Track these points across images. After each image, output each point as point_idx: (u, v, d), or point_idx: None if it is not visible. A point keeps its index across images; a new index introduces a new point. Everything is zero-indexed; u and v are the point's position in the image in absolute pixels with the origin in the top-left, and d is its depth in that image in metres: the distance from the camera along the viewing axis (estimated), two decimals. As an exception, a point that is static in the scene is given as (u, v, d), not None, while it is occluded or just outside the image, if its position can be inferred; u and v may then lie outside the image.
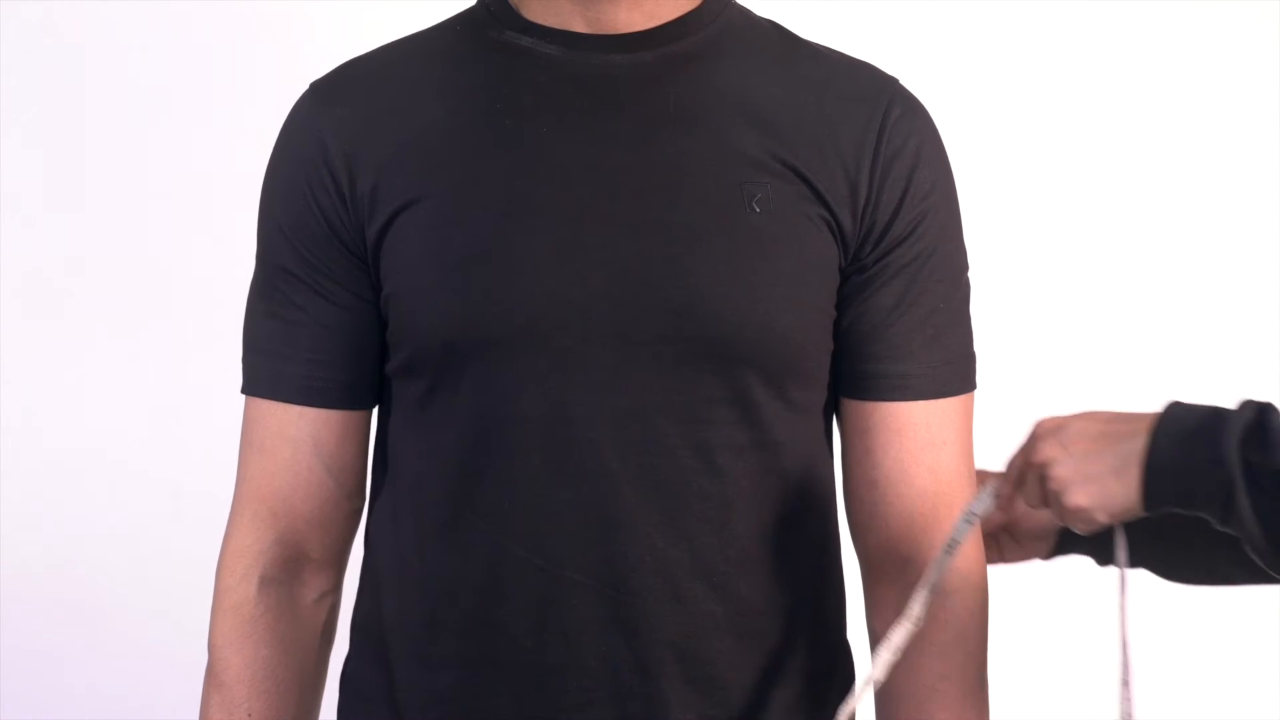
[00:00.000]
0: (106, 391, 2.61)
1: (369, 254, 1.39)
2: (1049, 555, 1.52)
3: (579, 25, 1.39)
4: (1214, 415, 1.23)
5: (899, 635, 1.35)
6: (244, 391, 1.45)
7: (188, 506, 2.60)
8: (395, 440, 1.43)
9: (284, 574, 1.44)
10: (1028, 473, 1.31)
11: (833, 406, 1.45)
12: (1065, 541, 1.50)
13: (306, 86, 1.44)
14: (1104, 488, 1.25)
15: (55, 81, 2.57)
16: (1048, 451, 1.28)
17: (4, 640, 2.59)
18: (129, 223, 2.60)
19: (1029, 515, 1.48)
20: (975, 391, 1.45)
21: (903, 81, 1.44)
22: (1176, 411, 1.25)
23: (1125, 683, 1.34)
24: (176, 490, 2.61)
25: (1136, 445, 1.24)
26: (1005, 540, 1.51)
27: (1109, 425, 1.26)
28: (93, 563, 2.62)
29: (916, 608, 1.35)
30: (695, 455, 1.36)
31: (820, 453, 1.43)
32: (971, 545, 1.42)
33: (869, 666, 1.38)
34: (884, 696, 1.44)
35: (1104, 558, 1.46)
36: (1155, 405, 1.27)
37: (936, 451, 1.41)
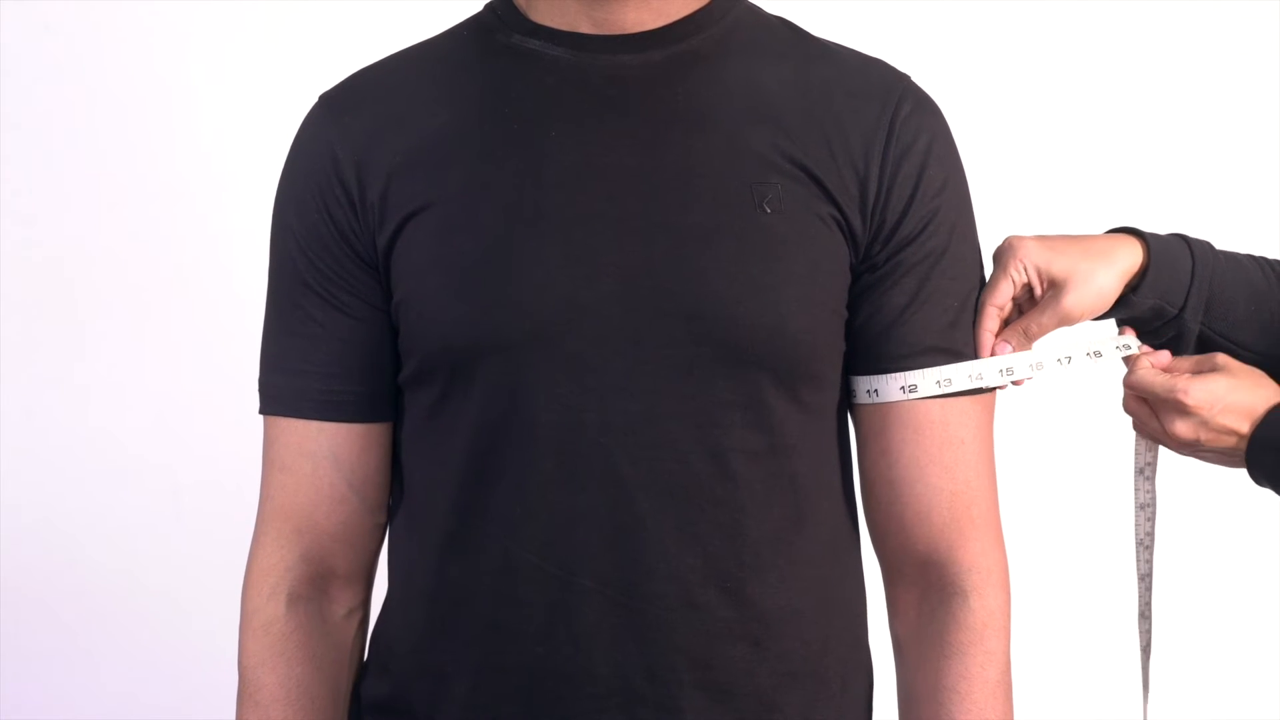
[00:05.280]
0: (107, 391, 2.61)
1: (380, 262, 1.39)
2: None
3: (586, 26, 1.38)
4: None
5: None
6: (262, 412, 1.45)
7: (188, 506, 2.61)
8: (408, 450, 1.43)
9: (312, 591, 1.44)
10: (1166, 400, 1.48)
11: (845, 407, 1.43)
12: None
13: (316, 96, 1.44)
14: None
15: (58, 81, 2.57)
16: (1185, 433, 1.48)
17: (4, 640, 2.59)
18: (130, 223, 2.60)
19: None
20: (996, 391, 1.44)
21: (915, 79, 1.43)
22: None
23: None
24: (176, 490, 2.61)
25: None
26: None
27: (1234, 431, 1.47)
28: (93, 562, 2.62)
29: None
30: (708, 460, 1.35)
31: (832, 454, 1.42)
32: (992, 544, 1.41)
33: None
34: (906, 696, 1.43)
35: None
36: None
37: (954, 450, 1.40)
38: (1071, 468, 2.56)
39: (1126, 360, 1.51)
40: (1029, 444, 2.45)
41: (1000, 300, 1.44)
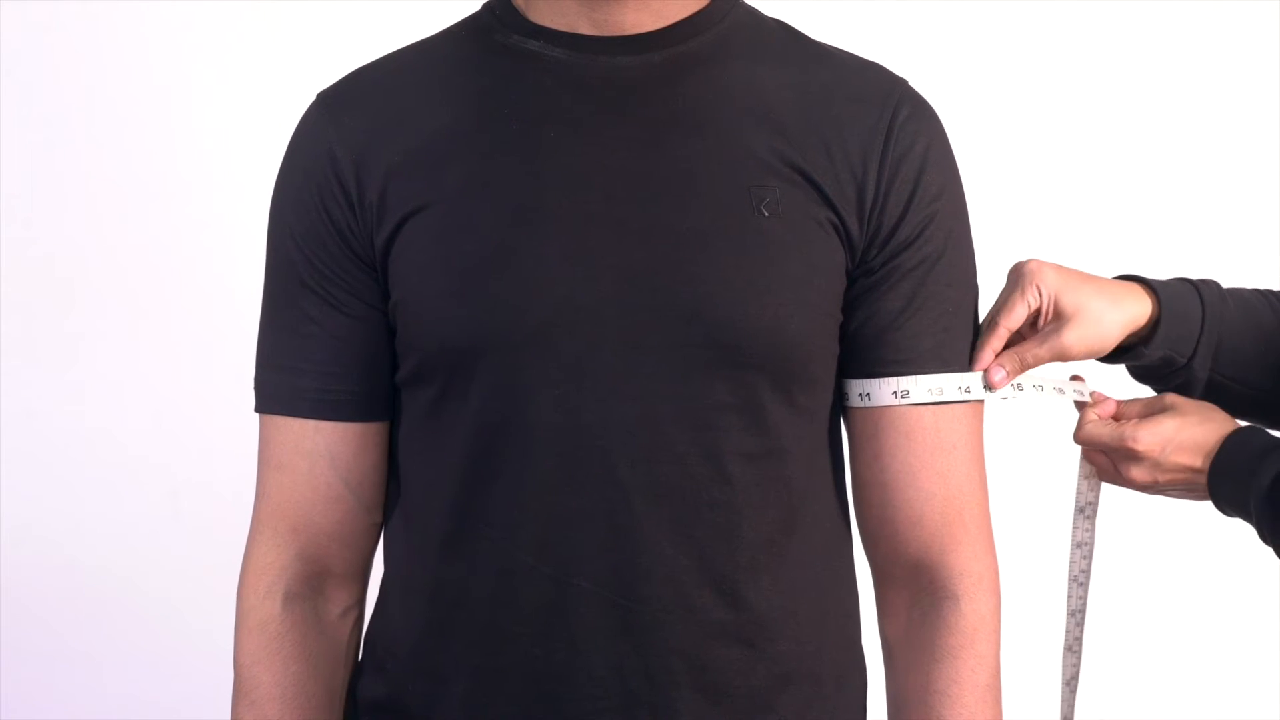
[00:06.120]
0: (107, 391, 2.61)
1: (378, 262, 1.39)
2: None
3: (585, 28, 1.38)
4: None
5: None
6: (258, 410, 1.44)
7: (187, 506, 2.60)
8: (405, 449, 1.43)
9: (308, 589, 1.44)
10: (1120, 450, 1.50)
11: (838, 410, 1.44)
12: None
13: (314, 96, 1.44)
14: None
15: (58, 81, 2.57)
16: (1141, 477, 1.51)
17: (4, 640, 2.59)
18: (129, 222, 2.60)
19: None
20: (988, 399, 1.44)
21: (912, 83, 1.43)
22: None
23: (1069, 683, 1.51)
24: (176, 490, 2.61)
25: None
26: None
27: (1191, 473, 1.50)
28: (93, 562, 2.62)
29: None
30: (704, 462, 1.35)
31: (826, 457, 1.43)
32: (983, 549, 1.42)
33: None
34: (895, 699, 1.44)
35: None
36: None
37: (946, 455, 1.41)
38: (1062, 471, 2.56)
39: (1078, 406, 1.52)
40: (1020, 449, 2.45)
41: (1014, 323, 1.45)
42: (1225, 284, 1.55)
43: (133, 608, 2.60)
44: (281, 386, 1.42)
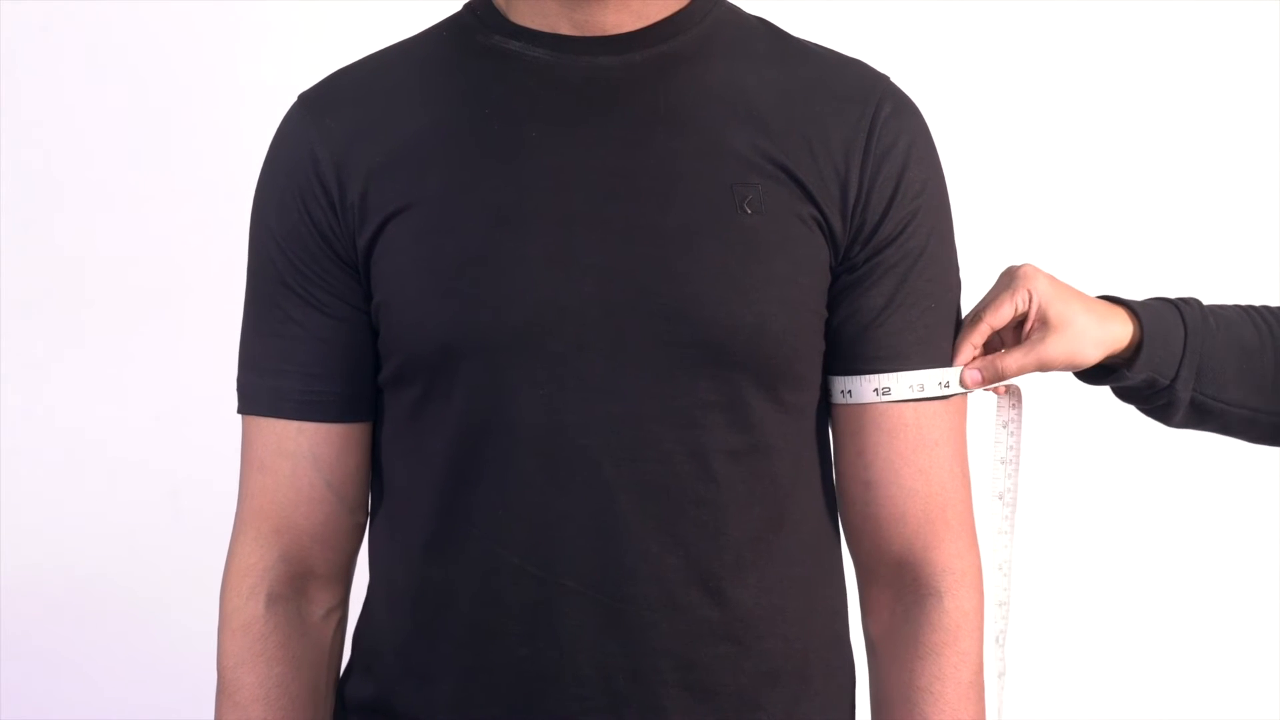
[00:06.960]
0: (106, 391, 2.61)
1: (360, 263, 1.39)
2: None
3: (566, 28, 1.39)
4: None
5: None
6: (241, 411, 1.45)
7: (187, 505, 2.61)
8: (388, 450, 1.43)
9: (290, 591, 1.44)
10: None
11: (825, 407, 1.44)
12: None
13: (295, 98, 1.44)
14: None
15: (55, 82, 2.57)
16: None
17: (4, 640, 2.59)
18: (127, 222, 2.60)
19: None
20: (969, 394, 1.44)
21: (894, 79, 1.43)
22: None
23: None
24: (176, 490, 2.61)
25: None
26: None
27: None
28: (93, 563, 2.62)
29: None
30: (690, 460, 1.35)
31: (813, 454, 1.43)
32: (966, 546, 1.42)
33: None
34: (879, 697, 1.44)
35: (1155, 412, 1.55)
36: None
37: (929, 452, 1.41)
38: (1052, 470, 2.56)
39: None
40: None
41: (998, 321, 1.44)
42: (1213, 290, 1.55)
43: (132, 608, 2.61)
44: (264, 388, 1.42)
